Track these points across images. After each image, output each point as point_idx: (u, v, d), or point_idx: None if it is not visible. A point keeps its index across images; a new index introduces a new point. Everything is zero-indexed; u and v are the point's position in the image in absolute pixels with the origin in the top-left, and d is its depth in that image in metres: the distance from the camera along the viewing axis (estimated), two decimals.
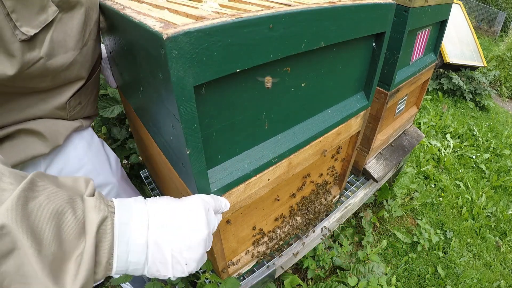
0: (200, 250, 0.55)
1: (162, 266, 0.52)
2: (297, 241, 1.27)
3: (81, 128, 0.96)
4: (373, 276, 1.64)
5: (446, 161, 2.78)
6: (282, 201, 1.09)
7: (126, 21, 0.62)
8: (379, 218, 2.08)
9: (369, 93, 1.04)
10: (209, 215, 0.60)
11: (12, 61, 0.64)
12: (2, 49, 0.62)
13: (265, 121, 0.76)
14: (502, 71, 5.33)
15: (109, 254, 0.46)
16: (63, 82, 0.82)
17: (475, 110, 4.11)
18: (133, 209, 0.51)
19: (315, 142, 0.94)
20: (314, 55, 0.75)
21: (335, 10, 0.68)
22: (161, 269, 0.52)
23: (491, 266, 1.99)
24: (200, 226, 0.56)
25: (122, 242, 0.47)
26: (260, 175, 0.81)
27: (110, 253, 0.46)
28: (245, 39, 0.54)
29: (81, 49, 0.80)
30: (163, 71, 0.51)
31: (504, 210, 2.44)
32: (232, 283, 1.01)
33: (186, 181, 0.75)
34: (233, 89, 0.63)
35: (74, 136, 0.97)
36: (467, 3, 9.19)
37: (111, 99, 1.75)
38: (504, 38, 7.70)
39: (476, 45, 4.38)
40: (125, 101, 1.19)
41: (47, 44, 0.70)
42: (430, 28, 1.35)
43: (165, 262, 0.52)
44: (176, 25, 0.48)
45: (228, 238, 0.98)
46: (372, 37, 0.91)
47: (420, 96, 1.81)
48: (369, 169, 1.55)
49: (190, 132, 0.57)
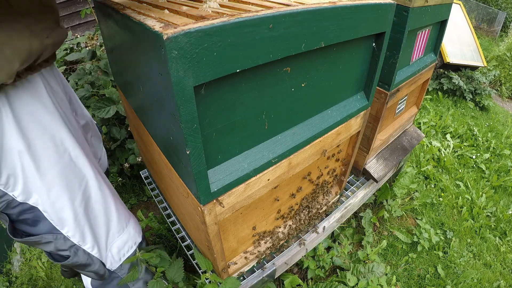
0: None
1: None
2: (297, 241, 1.27)
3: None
4: (373, 276, 1.64)
5: (446, 161, 2.78)
6: (282, 201, 1.09)
7: (126, 21, 0.62)
8: (379, 218, 2.08)
9: (369, 93, 1.04)
10: None
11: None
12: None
13: (265, 121, 0.76)
14: (502, 71, 5.32)
15: None
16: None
17: (475, 110, 4.10)
18: None
19: (315, 142, 0.94)
20: (314, 55, 0.75)
21: (335, 10, 0.68)
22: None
23: (491, 266, 1.99)
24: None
25: None
26: (260, 175, 0.81)
27: None
28: (245, 39, 0.55)
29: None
30: (163, 71, 0.51)
31: (504, 210, 2.44)
32: (232, 283, 1.01)
33: (186, 181, 0.75)
34: (233, 89, 0.63)
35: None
36: (467, 3, 9.18)
37: (107, 99, 1.75)
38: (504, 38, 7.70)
39: (476, 45, 4.37)
40: (125, 101, 1.19)
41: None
42: (430, 28, 1.35)
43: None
44: (176, 25, 0.48)
45: (228, 238, 0.98)
46: (372, 37, 0.91)
47: (420, 96, 1.81)
48: (369, 169, 1.55)
49: (190, 132, 0.57)
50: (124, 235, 1.14)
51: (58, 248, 0.94)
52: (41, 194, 0.86)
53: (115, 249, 1.10)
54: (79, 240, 0.97)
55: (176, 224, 1.39)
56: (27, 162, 0.82)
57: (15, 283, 1.68)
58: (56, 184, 0.89)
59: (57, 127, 0.88)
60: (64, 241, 0.94)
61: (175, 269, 1.15)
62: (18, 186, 0.81)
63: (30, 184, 0.83)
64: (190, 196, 0.77)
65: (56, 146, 0.88)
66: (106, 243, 1.08)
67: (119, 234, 1.13)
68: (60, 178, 0.89)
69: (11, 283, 1.68)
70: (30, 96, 0.81)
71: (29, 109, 0.81)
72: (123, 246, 1.14)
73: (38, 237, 0.89)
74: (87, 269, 1.03)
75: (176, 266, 1.15)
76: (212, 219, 0.78)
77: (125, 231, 1.15)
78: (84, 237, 0.98)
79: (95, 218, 1.03)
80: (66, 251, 0.95)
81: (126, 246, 1.15)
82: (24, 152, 0.80)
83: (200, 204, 0.72)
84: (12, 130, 0.77)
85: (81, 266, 1.01)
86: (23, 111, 0.79)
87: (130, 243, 1.17)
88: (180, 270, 1.16)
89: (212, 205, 0.75)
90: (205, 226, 0.79)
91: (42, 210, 0.87)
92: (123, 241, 1.14)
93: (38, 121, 0.83)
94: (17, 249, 1.84)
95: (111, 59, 1.09)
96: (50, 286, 1.67)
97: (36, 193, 0.85)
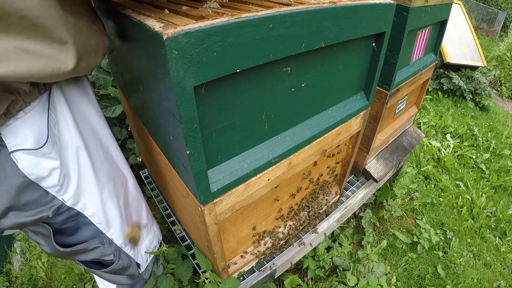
0: None
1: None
2: (297, 241, 1.27)
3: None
4: (373, 276, 1.64)
5: (446, 161, 2.78)
6: (282, 201, 1.09)
7: (126, 21, 0.62)
8: (379, 218, 2.08)
9: (369, 93, 1.04)
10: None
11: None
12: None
13: (265, 121, 0.76)
14: (502, 71, 5.32)
15: None
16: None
17: (475, 110, 4.10)
18: None
19: (315, 142, 0.94)
20: (314, 55, 0.75)
21: (335, 10, 0.68)
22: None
23: (491, 266, 1.99)
24: None
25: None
26: (260, 175, 0.81)
27: None
28: (245, 39, 0.54)
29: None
30: (163, 71, 0.51)
31: (504, 210, 2.44)
32: (232, 283, 1.01)
33: (186, 181, 0.75)
34: (233, 89, 0.63)
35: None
36: (467, 3, 9.18)
37: (113, 98, 1.75)
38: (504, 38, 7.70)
39: (476, 45, 4.37)
40: (125, 101, 1.19)
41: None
42: (430, 28, 1.35)
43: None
44: (176, 25, 0.48)
45: (228, 238, 0.98)
46: (372, 37, 0.91)
47: (420, 96, 1.81)
48: (369, 169, 1.55)
49: (190, 132, 0.57)
50: (151, 234, 1.13)
51: (104, 253, 0.89)
52: (93, 196, 0.81)
53: (143, 248, 1.09)
54: (122, 243, 0.93)
55: (176, 224, 1.39)
56: (85, 160, 0.77)
57: (15, 283, 1.68)
58: (107, 185, 0.85)
59: (101, 126, 0.86)
60: (109, 245, 0.89)
61: (183, 269, 1.17)
62: (70, 189, 0.75)
63: (84, 186, 0.78)
64: (190, 196, 0.77)
65: (102, 145, 0.86)
66: (139, 244, 1.05)
67: (148, 233, 1.11)
68: (108, 178, 0.86)
69: (11, 283, 1.68)
70: (81, 93, 0.79)
71: (80, 106, 0.78)
72: (149, 244, 1.12)
73: (85, 244, 0.83)
74: (125, 272, 0.98)
75: (185, 266, 1.17)
76: (212, 219, 0.78)
77: (151, 230, 1.14)
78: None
79: (132, 218, 1.01)
80: (111, 255, 0.90)
81: (152, 245, 1.14)
82: (81, 149, 0.76)
83: (200, 204, 0.72)
84: (69, 126, 0.73)
85: (121, 270, 0.96)
86: (76, 108, 0.77)
87: (155, 242, 1.15)
88: (189, 270, 1.18)
89: (212, 205, 0.75)
90: (205, 226, 0.79)
91: (89, 215, 0.81)
92: (150, 239, 1.12)
93: (87, 119, 0.81)
94: (17, 249, 1.84)
95: (111, 59, 1.09)
96: (50, 286, 1.67)
97: (85, 197, 0.79)
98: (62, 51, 0.58)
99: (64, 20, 0.56)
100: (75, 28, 0.59)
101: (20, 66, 0.52)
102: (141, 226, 1.05)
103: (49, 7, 0.53)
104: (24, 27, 0.51)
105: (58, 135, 0.70)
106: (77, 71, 0.62)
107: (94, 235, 0.86)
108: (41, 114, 0.65)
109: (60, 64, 0.58)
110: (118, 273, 0.97)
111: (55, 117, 0.69)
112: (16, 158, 0.61)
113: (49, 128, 0.66)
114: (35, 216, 0.69)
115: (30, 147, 0.62)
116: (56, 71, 0.57)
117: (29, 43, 0.53)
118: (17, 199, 0.65)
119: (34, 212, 0.69)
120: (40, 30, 0.53)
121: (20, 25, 0.50)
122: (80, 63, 0.62)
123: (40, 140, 0.64)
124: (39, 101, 0.65)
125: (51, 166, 0.68)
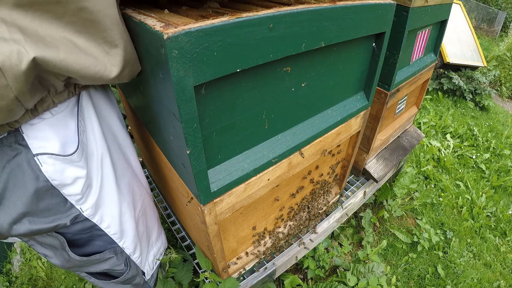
0: None
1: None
2: (297, 241, 1.27)
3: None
4: (373, 276, 1.64)
5: (446, 161, 2.78)
6: (282, 201, 1.09)
7: (126, 20, 0.62)
8: (379, 218, 2.08)
9: (369, 93, 1.04)
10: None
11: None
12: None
13: (265, 121, 0.76)
14: (502, 71, 5.32)
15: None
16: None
17: (475, 110, 4.10)
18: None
19: (315, 142, 0.94)
20: (314, 55, 0.75)
21: (335, 10, 0.68)
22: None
23: (491, 266, 1.99)
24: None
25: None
26: (260, 175, 0.81)
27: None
28: (245, 39, 0.54)
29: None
30: (163, 71, 0.51)
31: (504, 210, 2.44)
32: (231, 283, 1.01)
33: (186, 181, 0.75)
34: (233, 89, 0.63)
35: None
36: (467, 3, 9.18)
37: None
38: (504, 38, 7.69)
39: (476, 45, 4.37)
40: (125, 101, 1.19)
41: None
42: (430, 28, 1.35)
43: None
44: (177, 25, 0.48)
45: (228, 238, 0.98)
46: (372, 37, 0.91)
47: (420, 96, 1.81)
48: (369, 169, 1.55)
49: (190, 132, 0.57)
50: (159, 242, 1.12)
51: (116, 264, 0.86)
52: (112, 207, 0.78)
53: (151, 257, 1.07)
54: (131, 251, 0.90)
55: (176, 224, 1.39)
56: (108, 170, 0.74)
57: (15, 283, 1.68)
58: (127, 195, 0.83)
59: (122, 134, 0.84)
60: (121, 254, 0.87)
61: (184, 272, 1.17)
62: (90, 199, 0.71)
63: (104, 197, 0.75)
64: (190, 196, 0.77)
65: (123, 154, 0.85)
66: (147, 251, 1.03)
67: (157, 241, 1.10)
68: (128, 189, 0.84)
69: (11, 283, 1.68)
70: (106, 101, 0.77)
71: (105, 114, 0.77)
72: (157, 252, 1.11)
73: (101, 255, 0.80)
74: (133, 281, 0.96)
75: (185, 269, 1.17)
76: (212, 219, 0.78)
77: (159, 238, 1.13)
78: (136, 248, 0.91)
79: (146, 228, 0.99)
80: (122, 265, 0.88)
81: (158, 253, 1.12)
82: (106, 158, 0.73)
83: (200, 204, 0.72)
84: (96, 134, 0.71)
85: (129, 279, 0.93)
86: (101, 116, 0.75)
87: (161, 250, 1.14)
88: (189, 273, 1.18)
89: (212, 205, 0.75)
90: (205, 226, 0.79)
91: (104, 227, 0.78)
92: (158, 248, 1.11)
93: (111, 128, 0.79)
94: (17, 249, 1.84)
95: None
96: (50, 286, 1.67)
97: (103, 208, 0.76)
98: (109, 54, 0.55)
99: (120, 23, 0.54)
100: (127, 33, 0.57)
101: (70, 57, 0.49)
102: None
103: (110, 6, 0.51)
104: (79, 19, 0.48)
105: (86, 143, 0.68)
106: (119, 78, 0.59)
107: (106, 245, 0.83)
108: (69, 119, 0.63)
109: (105, 67, 0.55)
110: (126, 283, 0.95)
111: (83, 123, 0.67)
112: (40, 161, 0.58)
113: (79, 135, 0.64)
114: (51, 224, 0.66)
115: (55, 152, 0.59)
116: (100, 73, 0.55)
117: (79, 37, 0.50)
118: (35, 204, 0.62)
119: (51, 219, 0.66)
120: (95, 27, 0.51)
121: (76, 16, 0.48)
122: (124, 70, 0.59)
123: (68, 146, 0.62)
124: (67, 104, 0.63)
125: (77, 175, 0.65)
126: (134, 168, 0.92)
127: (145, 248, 1.01)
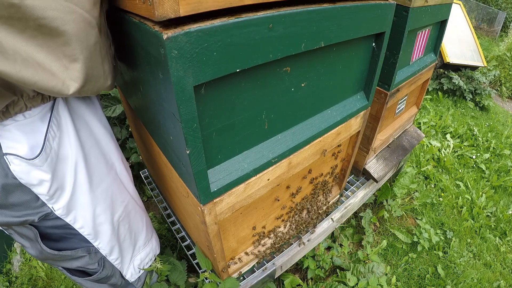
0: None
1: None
2: (297, 241, 1.27)
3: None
4: (373, 276, 1.64)
5: (446, 161, 2.77)
6: (282, 201, 1.09)
7: (126, 21, 0.62)
8: (379, 218, 2.08)
9: (369, 93, 1.04)
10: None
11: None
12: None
13: (265, 121, 0.76)
14: (502, 71, 5.32)
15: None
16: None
17: (475, 110, 4.10)
18: None
19: (315, 142, 0.94)
20: (314, 55, 0.75)
21: (335, 10, 0.68)
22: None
23: (491, 266, 1.99)
24: None
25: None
26: (260, 175, 0.81)
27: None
28: (245, 39, 0.55)
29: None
30: (163, 71, 0.51)
31: (504, 210, 2.44)
32: (231, 283, 1.01)
33: (186, 181, 0.75)
34: (233, 89, 0.63)
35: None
36: (467, 3, 9.18)
37: (113, 98, 1.75)
38: (504, 38, 7.70)
39: (476, 45, 4.37)
40: (125, 101, 1.19)
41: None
42: (430, 28, 1.35)
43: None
44: (176, 25, 0.48)
45: (228, 238, 0.98)
46: (372, 37, 0.91)
47: (420, 96, 1.81)
48: (369, 169, 1.55)
49: (190, 132, 0.57)
50: (147, 248, 1.13)
51: (89, 262, 0.89)
52: (86, 210, 0.80)
53: (137, 261, 1.09)
54: (107, 252, 0.93)
55: (176, 224, 1.39)
56: (82, 175, 0.76)
57: (15, 283, 1.68)
58: (103, 200, 0.85)
59: (106, 140, 0.86)
60: (95, 254, 0.90)
61: (177, 273, 1.16)
62: (62, 200, 0.75)
63: (77, 199, 0.78)
64: (190, 196, 0.77)
65: (106, 160, 0.86)
66: (132, 256, 1.05)
67: (144, 246, 1.11)
68: (106, 193, 0.86)
69: (11, 283, 1.68)
70: (88, 107, 0.78)
71: (86, 120, 0.78)
72: (145, 258, 1.12)
73: (73, 252, 0.83)
74: (108, 281, 0.99)
75: (178, 270, 1.16)
76: (212, 219, 0.78)
77: (148, 244, 1.14)
78: (112, 249, 0.94)
79: (129, 233, 1.00)
80: (95, 264, 0.91)
81: (147, 258, 1.14)
82: (80, 162, 0.75)
83: (200, 204, 0.72)
84: (71, 139, 0.72)
85: (104, 279, 0.96)
86: (81, 122, 0.76)
87: (151, 255, 1.16)
88: (183, 273, 1.17)
89: (212, 205, 0.75)
90: (205, 226, 0.79)
91: (78, 227, 0.81)
92: (146, 253, 1.13)
93: (93, 133, 0.80)
94: (17, 249, 1.84)
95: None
96: (50, 286, 1.67)
97: (76, 210, 0.79)
98: (69, 69, 0.55)
99: (83, 39, 0.54)
100: (94, 48, 0.57)
101: (26, 71, 0.50)
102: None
103: (70, 22, 0.50)
104: (40, 33, 0.49)
105: (57, 148, 0.70)
106: (80, 92, 0.59)
107: (81, 243, 0.86)
108: (40, 123, 0.65)
109: (62, 82, 0.55)
110: (101, 282, 0.98)
111: (56, 129, 0.69)
112: (9, 160, 0.62)
113: (45, 141, 0.66)
114: (20, 218, 0.70)
115: (22, 155, 0.62)
116: (57, 88, 0.55)
117: (40, 51, 0.51)
118: (5, 198, 0.65)
119: (21, 214, 0.69)
120: (54, 41, 0.51)
121: (37, 31, 0.48)
122: (86, 85, 0.59)
123: (36, 150, 0.64)
124: (41, 109, 0.64)
125: (41, 177, 0.67)
126: (119, 173, 0.93)
127: (128, 252, 1.02)
